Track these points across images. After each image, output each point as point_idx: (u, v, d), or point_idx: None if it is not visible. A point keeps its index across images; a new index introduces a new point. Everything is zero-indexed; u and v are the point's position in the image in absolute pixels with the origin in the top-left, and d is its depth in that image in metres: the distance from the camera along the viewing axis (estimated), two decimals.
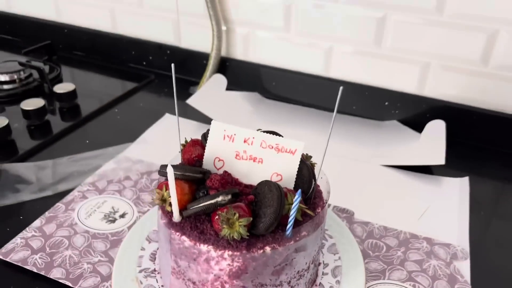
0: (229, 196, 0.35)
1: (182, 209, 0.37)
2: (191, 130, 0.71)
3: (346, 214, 0.54)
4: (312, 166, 0.42)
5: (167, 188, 0.37)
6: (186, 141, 0.44)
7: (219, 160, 0.42)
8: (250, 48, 0.81)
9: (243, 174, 0.41)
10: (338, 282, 0.43)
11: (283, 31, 0.76)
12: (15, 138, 0.67)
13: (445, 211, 0.55)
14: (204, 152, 0.42)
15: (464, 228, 0.52)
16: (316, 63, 0.76)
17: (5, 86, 0.80)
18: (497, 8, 0.60)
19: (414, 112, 0.72)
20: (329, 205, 0.55)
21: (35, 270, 0.45)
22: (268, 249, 0.35)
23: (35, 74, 0.84)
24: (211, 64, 0.82)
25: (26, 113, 0.70)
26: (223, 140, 0.41)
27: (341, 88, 0.33)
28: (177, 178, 0.37)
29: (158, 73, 0.90)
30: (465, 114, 0.68)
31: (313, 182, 0.40)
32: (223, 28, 0.80)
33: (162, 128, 0.72)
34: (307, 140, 0.65)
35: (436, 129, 0.67)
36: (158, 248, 0.46)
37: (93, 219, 0.52)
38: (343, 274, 0.44)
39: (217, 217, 0.35)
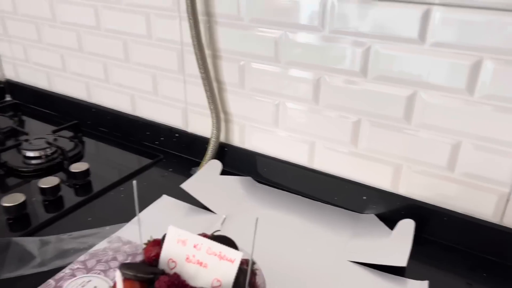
0: None
1: None
2: (184, 213, 0.79)
3: None
4: (253, 272, 0.47)
5: None
6: (149, 240, 0.51)
7: (172, 261, 0.48)
8: (245, 137, 0.90)
9: (190, 276, 0.47)
10: None
11: (273, 126, 0.84)
12: (29, 212, 0.78)
13: None
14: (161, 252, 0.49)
15: None
16: (301, 156, 0.83)
17: (33, 161, 0.93)
18: (460, 121, 0.65)
19: (390, 208, 0.76)
20: None
21: None
22: None
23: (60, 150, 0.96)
24: (210, 149, 0.91)
25: (42, 190, 0.80)
26: (177, 243, 0.48)
27: (257, 218, 0.40)
28: (129, 279, 0.44)
29: (167, 152, 1.00)
30: (436, 215, 0.71)
31: None
32: (222, 118, 0.90)
33: (156, 209, 0.80)
34: (289, 224, 0.71)
35: (405, 229, 0.70)
36: None
37: None
38: None
39: None
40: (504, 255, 0.68)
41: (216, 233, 0.51)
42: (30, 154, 0.93)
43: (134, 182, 0.47)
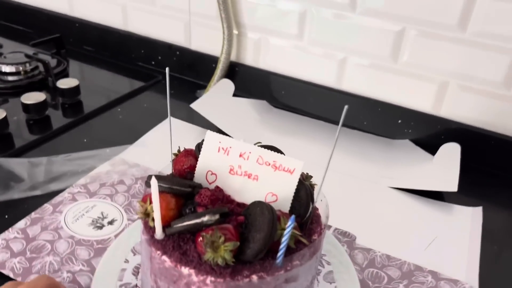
0: (217, 216, 0.32)
1: (165, 226, 0.34)
2: (195, 135, 0.69)
3: (347, 239, 0.50)
4: (311, 187, 0.39)
5: (151, 202, 0.34)
6: (179, 150, 0.41)
7: (212, 173, 0.39)
8: (261, 54, 0.78)
9: (236, 190, 0.38)
10: None
11: (296, 39, 0.73)
12: (12, 132, 0.66)
13: (454, 242, 0.51)
14: (196, 163, 0.39)
15: (475, 263, 0.48)
16: (328, 74, 0.73)
17: (10, 78, 0.79)
18: None
19: (428, 132, 0.68)
20: (329, 227, 0.51)
21: (11, 276, 0.43)
22: (255, 278, 0.32)
23: (41, 67, 0.82)
24: (220, 68, 0.79)
25: (26, 107, 0.68)
26: (218, 152, 0.38)
27: (346, 107, 0.30)
28: (163, 191, 0.34)
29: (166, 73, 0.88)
30: (482, 139, 0.64)
31: (311, 206, 0.37)
32: (235, 32, 0.78)
33: (163, 131, 0.69)
34: (313, 153, 0.62)
35: (451, 152, 0.63)
36: None
37: (80, 224, 0.50)
38: None
39: (200, 238, 0.32)
40: None
41: (257, 145, 0.42)
42: (6, 69, 0.79)
43: (167, 69, 0.37)
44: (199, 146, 0.40)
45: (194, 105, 0.70)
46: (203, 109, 0.69)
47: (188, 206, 0.35)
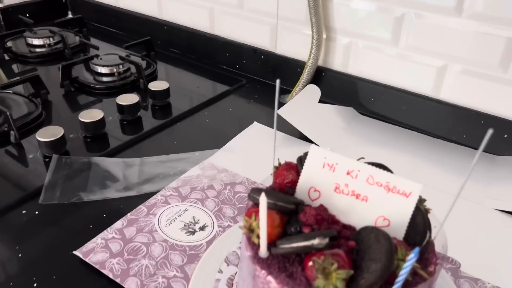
0: (327, 240, 0.31)
1: (270, 244, 0.33)
2: (278, 142, 0.67)
3: (450, 265, 0.46)
4: (426, 212, 0.35)
5: (256, 217, 0.33)
6: (279, 163, 0.40)
7: (315, 190, 0.37)
8: (350, 59, 0.75)
9: (341, 210, 0.35)
10: None
11: (390, 44, 0.69)
12: (108, 132, 0.69)
13: None
14: (298, 178, 0.38)
15: None
16: (425, 82, 0.68)
17: (104, 79, 0.83)
18: None
19: None
20: None
21: (111, 276, 0.44)
22: None
23: (133, 69, 0.86)
24: (306, 73, 0.77)
25: (121, 108, 0.71)
26: (322, 168, 0.36)
27: (490, 131, 0.27)
28: (268, 208, 0.33)
29: (249, 77, 0.88)
30: None
31: (428, 234, 0.33)
32: (324, 36, 0.75)
33: (249, 136, 0.69)
34: (404, 167, 0.58)
35: None
36: (236, 273, 0.43)
37: (173, 228, 0.50)
38: None
39: (311, 263, 0.30)
40: None
41: (361, 161, 0.39)
42: (102, 70, 0.83)
43: (278, 80, 0.35)
44: (301, 160, 0.39)
45: (281, 111, 0.68)
46: (289, 116, 0.68)
47: (293, 225, 0.34)
